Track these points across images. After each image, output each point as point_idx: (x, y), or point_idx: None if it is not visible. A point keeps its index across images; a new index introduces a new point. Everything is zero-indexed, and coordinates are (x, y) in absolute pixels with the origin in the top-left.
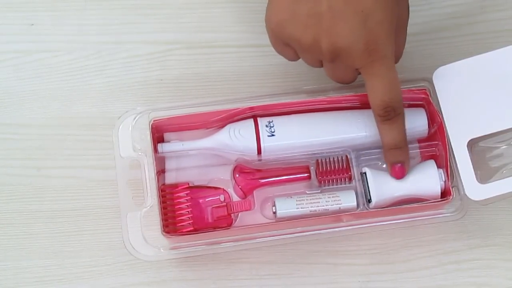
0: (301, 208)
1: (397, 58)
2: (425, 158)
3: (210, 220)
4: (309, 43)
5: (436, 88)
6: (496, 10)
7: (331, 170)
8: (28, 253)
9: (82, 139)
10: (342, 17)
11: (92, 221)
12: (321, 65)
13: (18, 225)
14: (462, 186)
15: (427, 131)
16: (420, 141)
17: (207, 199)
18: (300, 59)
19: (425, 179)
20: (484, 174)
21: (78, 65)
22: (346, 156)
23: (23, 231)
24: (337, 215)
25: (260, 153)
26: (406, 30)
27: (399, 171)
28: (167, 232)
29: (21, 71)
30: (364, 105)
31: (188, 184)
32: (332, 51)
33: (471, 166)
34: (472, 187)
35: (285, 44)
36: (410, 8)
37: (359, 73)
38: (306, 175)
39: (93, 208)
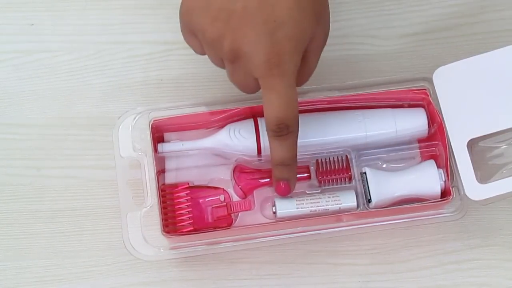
0: (301, 208)
1: (301, 81)
2: (425, 158)
3: (210, 220)
4: (213, 37)
5: (436, 88)
6: (496, 10)
7: (331, 170)
8: (28, 253)
9: (82, 139)
10: (252, 21)
11: (92, 221)
12: (223, 65)
13: (18, 225)
14: (462, 186)
15: (427, 131)
16: (420, 141)
17: (207, 199)
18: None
19: (425, 179)
20: (484, 174)
21: (78, 65)
22: (346, 156)
23: (23, 231)
24: (337, 215)
25: (260, 153)
26: (318, 57)
27: (284, 188)
28: (167, 232)
29: (21, 71)
30: (364, 105)
31: (188, 184)
32: (233, 52)
33: (471, 166)
34: (472, 187)
35: (192, 33)
36: (410, 8)
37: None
38: (306, 175)
39: (93, 208)
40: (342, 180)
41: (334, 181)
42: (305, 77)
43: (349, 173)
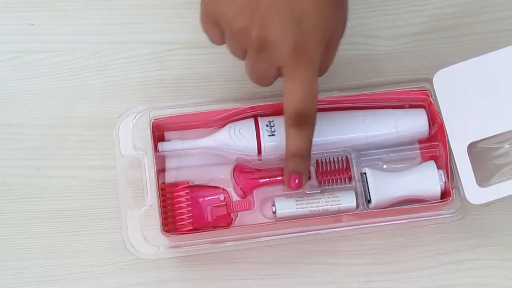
0: (301, 208)
1: (322, 71)
2: (425, 159)
3: (209, 220)
4: (240, 27)
5: (436, 91)
6: (496, 10)
7: (331, 170)
8: (28, 253)
9: (82, 139)
10: (279, 11)
11: (92, 221)
12: (244, 57)
13: (18, 225)
14: (463, 190)
15: (427, 132)
16: (420, 141)
17: (207, 198)
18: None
19: (425, 180)
20: (483, 175)
21: (78, 65)
22: (346, 156)
23: (23, 231)
24: (337, 215)
25: (260, 152)
26: (338, 46)
27: (296, 182)
28: (167, 231)
29: (21, 71)
30: (365, 105)
31: (188, 183)
32: (260, 41)
33: (471, 170)
34: (472, 191)
35: (215, 22)
36: (410, 8)
37: (280, 75)
38: None
39: (93, 208)
40: (342, 180)
41: (334, 181)
42: (324, 69)
43: (349, 174)
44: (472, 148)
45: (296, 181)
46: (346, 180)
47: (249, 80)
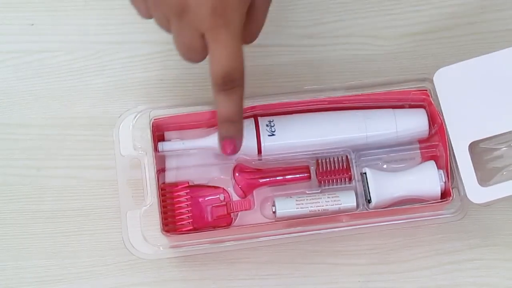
0: (301, 208)
1: (250, 36)
2: (425, 158)
3: (209, 219)
4: None
5: (437, 89)
6: (496, 10)
7: (331, 170)
8: (28, 253)
9: (82, 139)
10: None
11: (92, 221)
12: (169, 28)
13: (18, 225)
14: (464, 189)
15: (427, 132)
16: (420, 141)
17: (207, 198)
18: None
19: (425, 180)
20: (484, 175)
21: (78, 65)
22: (346, 156)
23: (23, 231)
24: (337, 215)
25: (260, 152)
26: (265, 11)
27: (231, 147)
28: (167, 231)
29: (21, 71)
30: (365, 105)
31: (188, 183)
32: (180, 5)
33: (473, 169)
34: (474, 190)
35: None
36: (410, 8)
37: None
38: (306, 175)
39: (93, 208)
40: (342, 180)
41: (334, 181)
42: (253, 34)
43: (349, 173)
44: (473, 148)
45: (231, 146)
46: (346, 180)
47: (249, 80)
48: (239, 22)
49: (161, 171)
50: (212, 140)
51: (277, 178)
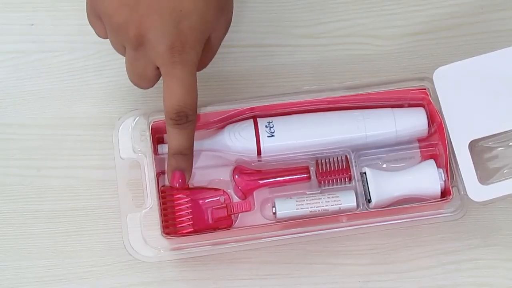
0: (301, 208)
1: (204, 64)
2: (425, 157)
3: (210, 221)
4: (119, 23)
5: (436, 88)
6: (496, 10)
7: (331, 170)
8: (28, 253)
9: (82, 139)
10: (159, 10)
11: (92, 221)
12: (123, 53)
13: (18, 225)
14: (464, 187)
15: (427, 131)
16: (420, 140)
17: (207, 200)
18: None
19: (425, 179)
20: (484, 174)
21: (78, 65)
22: (346, 156)
23: (23, 231)
24: (337, 215)
25: (260, 153)
26: (218, 46)
27: (179, 178)
28: (167, 233)
29: (21, 71)
30: (364, 105)
31: (188, 185)
32: (138, 38)
33: (473, 167)
34: (474, 188)
35: (97, 16)
36: (410, 8)
37: (160, 76)
38: (306, 175)
39: (93, 208)
40: (342, 180)
41: (334, 181)
42: (206, 62)
43: (349, 173)
44: (473, 146)
45: (180, 179)
46: (346, 180)
47: (249, 80)
48: (195, 59)
49: (161, 173)
50: (211, 142)
51: (277, 179)
